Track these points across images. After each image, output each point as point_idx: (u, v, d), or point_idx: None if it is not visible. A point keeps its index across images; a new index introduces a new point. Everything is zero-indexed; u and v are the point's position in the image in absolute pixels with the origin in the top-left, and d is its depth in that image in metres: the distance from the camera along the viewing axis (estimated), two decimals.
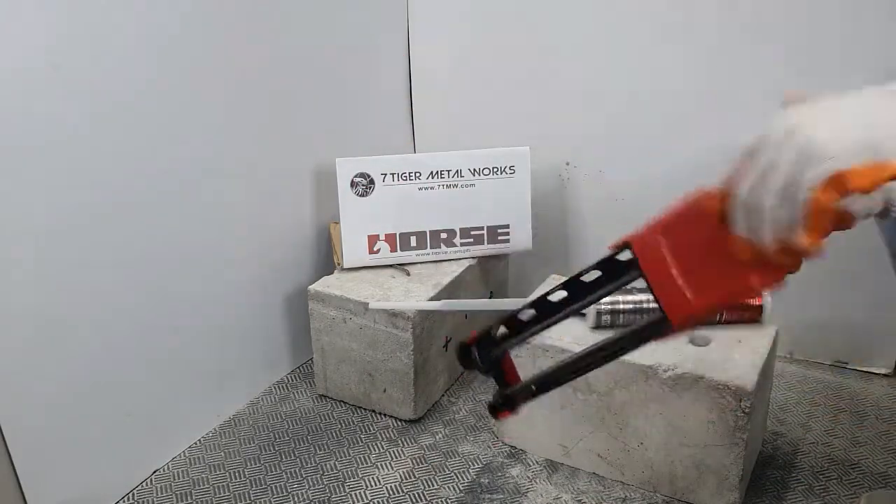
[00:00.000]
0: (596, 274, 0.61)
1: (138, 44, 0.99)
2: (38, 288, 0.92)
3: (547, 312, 0.64)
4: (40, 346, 0.94)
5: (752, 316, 1.09)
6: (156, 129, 1.03)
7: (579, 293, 0.63)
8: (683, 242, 0.56)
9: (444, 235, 1.31)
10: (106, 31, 0.94)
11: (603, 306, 1.09)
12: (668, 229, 0.57)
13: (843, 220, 0.52)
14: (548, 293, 0.63)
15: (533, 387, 0.66)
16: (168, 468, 1.14)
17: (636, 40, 1.33)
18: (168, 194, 1.07)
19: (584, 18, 1.36)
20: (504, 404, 0.69)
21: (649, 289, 0.57)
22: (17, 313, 0.90)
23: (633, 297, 1.08)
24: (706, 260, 0.55)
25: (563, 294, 0.63)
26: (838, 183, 0.48)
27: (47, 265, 0.93)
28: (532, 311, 0.65)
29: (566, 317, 0.64)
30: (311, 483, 1.11)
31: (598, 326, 1.09)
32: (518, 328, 0.66)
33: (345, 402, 1.29)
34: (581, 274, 0.62)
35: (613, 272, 0.60)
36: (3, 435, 0.91)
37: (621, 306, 1.08)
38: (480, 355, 0.68)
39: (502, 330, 0.67)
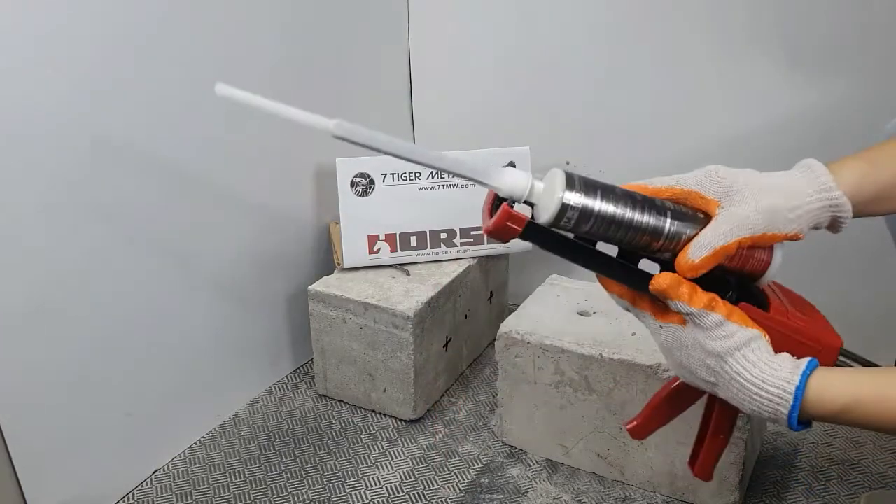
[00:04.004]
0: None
1: (139, 44, 0.99)
2: (38, 288, 0.92)
3: (573, 252, 0.60)
4: (40, 347, 0.94)
5: (756, 268, 0.67)
6: (156, 128, 1.03)
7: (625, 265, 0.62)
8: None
9: (444, 235, 1.31)
10: (106, 30, 0.94)
11: (573, 201, 0.62)
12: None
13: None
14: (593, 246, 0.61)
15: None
16: (168, 468, 1.14)
17: (637, 40, 1.33)
18: (168, 194, 1.07)
19: (585, 18, 1.36)
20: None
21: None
22: (16, 313, 0.90)
23: (615, 209, 0.61)
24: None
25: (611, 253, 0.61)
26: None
27: (47, 265, 0.93)
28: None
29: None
30: (311, 483, 1.11)
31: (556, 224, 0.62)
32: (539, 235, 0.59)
33: (345, 402, 1.29)
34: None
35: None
36: (3, 435, 0.91)
37: (598, 209, 0.61)
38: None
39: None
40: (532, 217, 0.59)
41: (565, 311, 1.16)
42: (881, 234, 0.92)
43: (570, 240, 0.60)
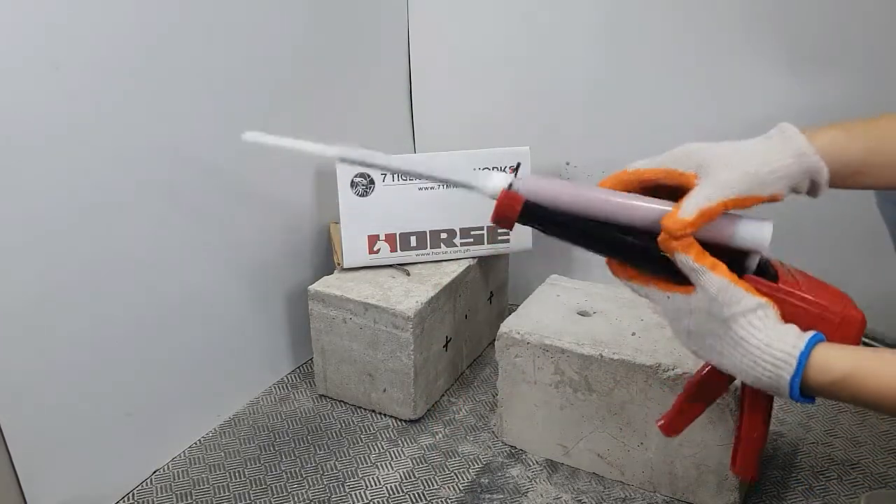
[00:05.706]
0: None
1: (138, 43, 0.99)
2: (38, 287, 0.92)
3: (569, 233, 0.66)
4: (40, 346, 0.94)
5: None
6: (155, 128, 1.03)
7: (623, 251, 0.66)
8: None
9: (444, 235, 1.31)
10: (105, 30, 0.94)
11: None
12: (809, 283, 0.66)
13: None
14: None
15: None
16: (168, 468, 1.14)
17: (637, 40, 1.33)
18: (168, 194, 1.07)
19: (585, 18, 1.36)
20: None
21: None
22: (15, 312, 0.90)
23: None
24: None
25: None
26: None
27: (46, 264, 0.93)
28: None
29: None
30: (311, 483, 1.11)
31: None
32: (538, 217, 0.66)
33: (345, 402, 1.29)
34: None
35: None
36: (3, 435, 0.91)
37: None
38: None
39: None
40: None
41: (565, 311, 1.16)
42: (872, 236, 0.93)
43: (567, 217, 0.65)
